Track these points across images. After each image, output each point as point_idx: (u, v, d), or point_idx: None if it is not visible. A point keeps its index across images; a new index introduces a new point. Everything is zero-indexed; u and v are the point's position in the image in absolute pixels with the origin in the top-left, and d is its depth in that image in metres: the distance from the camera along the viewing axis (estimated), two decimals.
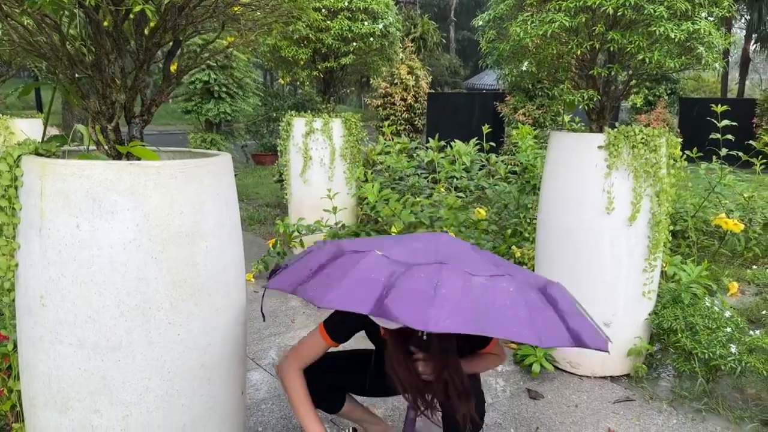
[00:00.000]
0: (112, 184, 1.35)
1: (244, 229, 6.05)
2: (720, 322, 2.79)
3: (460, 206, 4.44)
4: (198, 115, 7.53)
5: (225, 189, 1.54)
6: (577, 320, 1.59)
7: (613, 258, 2.74)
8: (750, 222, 4.59)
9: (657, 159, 2.68)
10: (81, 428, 1.41)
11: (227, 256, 1.55)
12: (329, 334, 1.85)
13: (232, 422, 1.64)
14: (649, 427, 2.51)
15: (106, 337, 1.38)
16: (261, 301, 2.10)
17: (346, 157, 4.74)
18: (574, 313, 1.62)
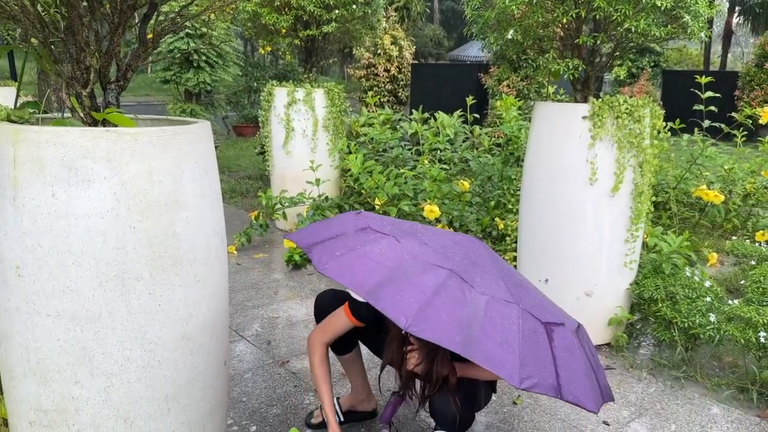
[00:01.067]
0: (88, 151, 1.31)
1: (226, 201, 6.00)
2: (700, 292, 2.83)
3: (444, 178, 4.42)
4: (177, 86, 7.38)
5: (204, 157, 1.50)
6: (573, 376, 1.52)
7: (595, 229, 2.76)
8: (730, 193, 4.64)
9: (641, 129, 2.68)
10: (62, 399, 1.39)
11: (208, 226, 1.52)
12: (353, 313, 1.93)
13: (215, 392, 1.64)
14: (629, 395, 2.55)
15: (85, 307, 1.35)
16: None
17: (329, 128, 4.68)
18: (574, 366, 1.54)
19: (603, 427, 2.30)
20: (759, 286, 2.98)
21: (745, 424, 2.34)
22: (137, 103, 16.02)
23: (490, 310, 1.49)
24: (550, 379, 1.42)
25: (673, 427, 2.32)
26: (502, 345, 1.42)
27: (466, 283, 1.55)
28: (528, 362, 1.41)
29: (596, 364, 1.66)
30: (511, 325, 1.47)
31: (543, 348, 1.48)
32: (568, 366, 1.48)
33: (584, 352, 1.60)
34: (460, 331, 1.41)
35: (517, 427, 2.29)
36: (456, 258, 1.65)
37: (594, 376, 1.56)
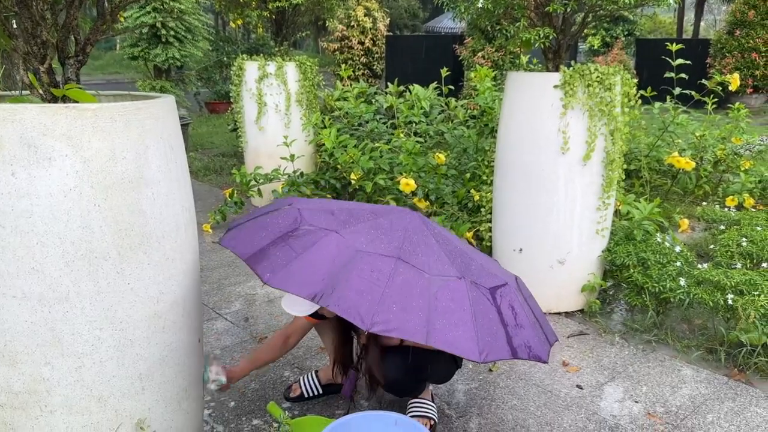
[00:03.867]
0: (48, 129, 1.28)
1: (200, 179, 5.93)
2: (670, 257, 2.89)
3: (420, 151, 4.41)
4: (146, 62, 7.21)
5: (169, 133, 1.47)
6: (522, 333, 1.63)
7: (567, 197, 2.78)
8: (701, 160, 4.71)
9: (612, 97, 2.69)
10: (32, 381, 1.37)
11: (176, 203, 1.50)
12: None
13: (190, 370, 1.63)
14: (602, 359, 2.61)
15: (52, 288, 1.33)
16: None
17: (303, 102, 4.63)
18: (522, 324, 1.65)
19: (577, 391, 2.36)
20: (728, 250, 3.05)
21: (713, 383, 2.41)
22: (106, 81, 15.66)
23: (362, 263, 1.54)
24: (417, 327, 1.47)
25: (645, 388, 2.38)
26: (362, 294, 1.47)
27: (345, 241, 1.60)
28: (388, 308, 1.47)
29: (518, 322, 1.70)
30: (381, 275, 1.52)
31: (417, 296, 1.52)
32: (449, 315, 1.53)
33: (495, 308, 1.65)
34: (320, 283, 1.48)
35: (493, 393, 2.34)
36: (356, 223, 1.70)
37: (503, 332, 1.61)
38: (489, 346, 1.49)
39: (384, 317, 1.44)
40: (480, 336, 1.49)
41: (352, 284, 1.49)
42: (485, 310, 1.57)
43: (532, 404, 2.27)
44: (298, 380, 2.30)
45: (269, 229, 1.72)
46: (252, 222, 1.84)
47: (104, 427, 1.44)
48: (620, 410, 2.23)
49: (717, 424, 2.15)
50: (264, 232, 1.72)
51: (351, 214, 1.79)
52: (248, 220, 1.87)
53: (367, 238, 1.64)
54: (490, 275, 1.72)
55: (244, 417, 2.17)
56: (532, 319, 1.69)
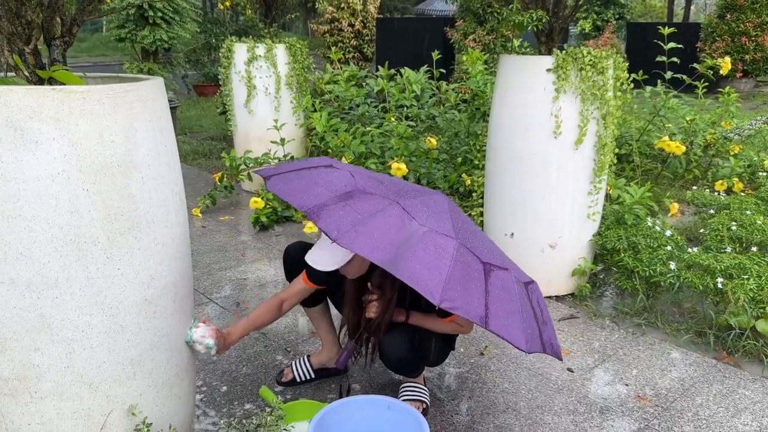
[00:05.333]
0: (34, 111, 1.25)
1: (189, 163, 5.88)
2: (661, 241, 2.90)
3: (411, 135, 4.39)
4: (133, 44, 7.10)
5: (158, 116, 1.45)
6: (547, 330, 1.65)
7: (559, 181, 2.78)
8: (691, 144, 4.72)
9: (604, 81, 2.68)
10: (22, 367, 1.36)
11: (165, 186, 1.47)
12: (309, 278, 2.03)
13: (182, 355, 1.62)
14: (592, 342, 2.62)
15: (40, 274, 1.31)
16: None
17: (293, 85, 4.58)
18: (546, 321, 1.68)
19: (567, 374, 2.37)
20: (717, 234, 3.07)
21: (702, 366, 2.43)
22: (93, 64, 15.44)
23: (427, 239, 1.54)
24: (477, 309, 1.47)
25: (635, 371, 2.40)
26: (430, 269, 1.47)
27: (407, 214, 1.60)
28: (454, 287, 1.46)
29: (544, 318, 1.73)
30: (445, 254, 1.52)
31: (476, 280, 1.52)
32: (501, 303, 1.54)
33: (529, 303, 1.67)
34: (389, 250, 1.47)
35: (484, 377, 2.35)
36: (408, 197, 1.69)
37: (536, 327, 1.63)
38: (531, 337, 1.53)
39: (451, 295, 1.44)
40: (525, 327, 1.53)
41: (419, 258, 1.48)
42: (525, 304, 1.61)
43: (523, 387, 2.28)
44: (290, 365, 2.30)
45: (324, 186, 1.67)
46: (296, 174, 1.78)
47: (95, 413, 1.43)
48: (610, 393, 2.25)
49: (706, 406, 2.17)
50: (319, 187, 1.67)
51: (397, 186, 1.80)
52: (287, 172, 1.81)
53: (424, 214, 1.64)
54: (518, 270, 1.77)
55: (236, 402, 2.17)
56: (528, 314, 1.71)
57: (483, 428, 2.04)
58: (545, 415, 2.12)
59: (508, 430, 2.04)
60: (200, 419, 2.07)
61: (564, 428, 2.04)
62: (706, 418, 2.10)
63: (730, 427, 2.06)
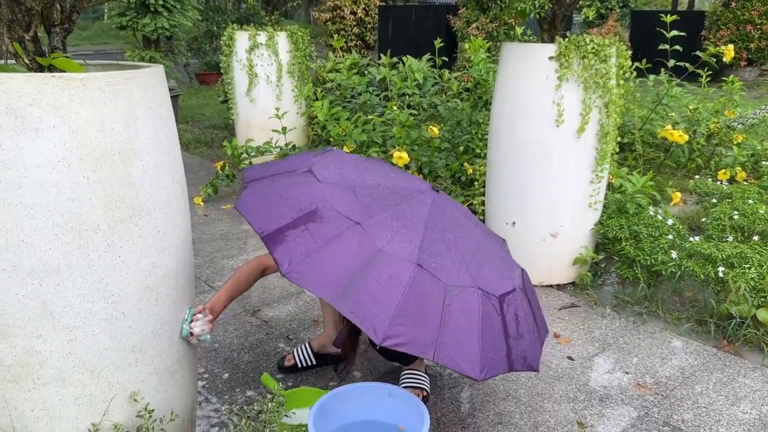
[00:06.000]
0: (34, 98, 1.25)
1: (191, 152, 5.87)
2: (662, 230, 2.90)
3: (413, 124, 4.38)
4: (134, 32, 7.07)
5: (158, 103, 1.44)
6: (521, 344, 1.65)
7: (561, 170, 2.78)
8: (694, 133, 4.70)
9: (607, 69, 2.67)
10: (24, 354, 1.37)
11: (166, 174, 1.48)
12: None
13: (183, 342, 1.63)
14: (593, 331, 2.63)
15: (42, 261, 1.32)
16: None
17: (294, 73, 4.57)
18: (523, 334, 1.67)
19: (567, 362, 2.38)
20: (719, 223, 3.07)
21: (703, 355, 2.44)
22: (94, 52, 15.39)
23: (381, 268, 1.51)
24: (425, 342, 1.45)
25: (635, 360, 2.41)
26: (379, 303, 1.45)
27: (367, 238, 1.56)
28: (403, 321, 1.44)
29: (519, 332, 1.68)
30: (398, 284, 1.49)
31: (430, 310, 1.50)
32: (457, 330, 1.51)
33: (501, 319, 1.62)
34: (338, 284, 1.45)
35: None
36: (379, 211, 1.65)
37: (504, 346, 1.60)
38: (490, 362, 1.52)
39: (397, 331, 1.43)
40: (484, 353, 1.51)
41: (369, 290, 1.46)
42: (492, 323, 1.58)
43: (523, 375, 2.29)
44: (292, 351, 2.31)
45: (289, 204, 1.65)
46: (270, 182, 1.76)
47: (98, 399, 1.44)
48: (610, 381, 2.26)
49: (705, 395, 2.18)
50: (284, 206, 1.65)
51: (373, 194, 1.74)
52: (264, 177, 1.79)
53: (388, 233, 1.60)
54: (501, 278, 1.71)
55: (238, 388, 2.18)
56: (531, 324, 1.70)
57: (483, 415, 2.05)
58: (545, 402, 2.13)
59: (509, 417, 2.05)
60: (202, 406, 2.08)
61: (564, 416, 2.06)
62: (706, 406, 2.11)
63: (730, 415, 2.07)
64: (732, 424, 2.02)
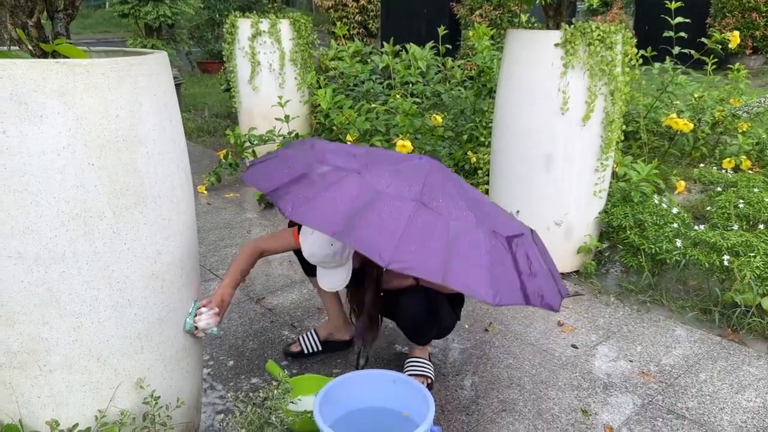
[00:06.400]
0: (38, 85, 1.24)
1: (194, 140, 5.86)
2: (667, 219, 2.89)
3: (416, 112, 4.36)
4: (136, 20, 7.04)
5: (163, 90, 1.44)
6: (535, 281, 1.62)
7: (565, 158, 2.76)
8: (699, 122, 4.67)
9: (612, 57, 2.65)
10: (30, 341, 1.37)
11: (171, 162, 1.47)
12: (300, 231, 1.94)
13: None
14: (597, 319, 2.63)
15: (47, 248, 1.31)
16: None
17: (297, 61, 4.55)
18: (536, 273, 1.65)
19: (571, 350, 2.38)
20: (724, 212, 3.06)
21: (707, 343, 2.44)
22: (96, 40, 15.35)
23: (382, 205, 1.54)
24: (435, 267, 1.45)
25: (639, 348, 2.41)
26: (382, 233, 1.47)
27: (366, 183, 1.60)
28: (407, 248, 1.46)
29: (532, 270, 1.67)
30: (400, 216, 1.52)
31: (436, 238, 1.51)
32: (466, 258, 1.51)
33: (511, 255, 1.63)
34: (341, 221, 1.48)
35: (489, 353, 2.36)
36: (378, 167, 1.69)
37: (517, 279, 1.59)
38: (503, 290, 1.49)
39: (402, 256, 1.43)
40: (494, 280, 1.49)
41: (371, 223, 1.48)
42: (501, 258, 1.57)
43: (527, 363, 2.29)
44: (298, 338, 2.31)
45: (291, 167, 1.71)
46: (273, 160, 1.83)
47: (104, 386, 1.45)
48: (614, 369, 2.26)
49: (710, 383, 2.18)
50: (286, 169, 1.71)
51: (372, 156, 1.79)
52: (269, 159, 1.86)
53: (387, 181, 1.63)
54: (508, 225, 1.73)
55: (243, 375, 2.19)
56: (545, 269, 1.70)
57: (487, 403, 2.06)
58: (549, 390, 2.13)
59: (513, 404, 2.05)
60: (207, 393, 2.09)
61: (568, 403, 2.06)
62: (710, 395, 2.11)
63: (734, 403, 2.07)
64: (736, 412, 2.02)
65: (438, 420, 1.97)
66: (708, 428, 1.94)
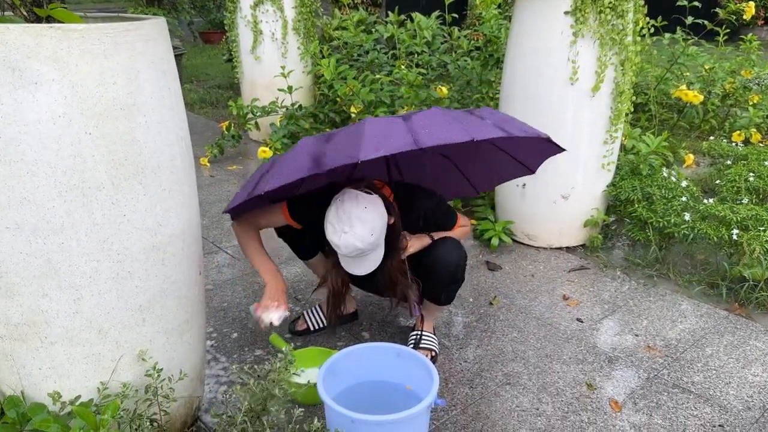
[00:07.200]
0: (32, 51, 1.20)
1: (196, 112, 5.81)
2: (676, 192, 2.85)
3: (422, 84, 4.28)
4: None
5: (161, 57, 1.39)
6: (510, 122, 1.71)
7: (574, 130, 2.71)
8: (709, 94, 4.59)
9: (624, 25, 2.58)
10: (30, 312, 1.35)
11: (170, 132, 1.43)
12: (289, 208, 1.92)
13: (191, 302, 1.62)
14: (602, 293, 2.61)
15: (45, 219, 1.29)
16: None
17: (300, 31, 4.46)
18: (507, 119, 1.73)
19: (576, 324, 2.37)
20: (734, 185, 3.01)
21: (713, 318, 2.42)
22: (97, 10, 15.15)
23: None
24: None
25: (645, 322, 2.39)
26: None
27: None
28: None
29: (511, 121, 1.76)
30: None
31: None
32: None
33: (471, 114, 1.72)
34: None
35: (493, 326, 2.35)
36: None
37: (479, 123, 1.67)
38: (476, 129, 1.57)
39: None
40: (465, 126, 1.58)
41: (334, 146, 1.56)
42: (465, 116, 1.66)
43: (531, 337, 2.28)
44: (303, 314, 2.30)
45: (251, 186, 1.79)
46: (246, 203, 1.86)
47: (106, 358, 1.44)
48: (619, 343, 2.24)
49: (716, 357, 2.17)
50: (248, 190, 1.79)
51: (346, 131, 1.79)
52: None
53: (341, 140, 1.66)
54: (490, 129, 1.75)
55: (247, 348, 2.19)
56: (519, 124, 1.75)
57: (491, 376, 2.05)
58: (553, 363, 2.12)
59: (517, 378, 2.04)
60: (211, 365, 2.09)
61: (572, 377, 2.05)
62: (716, 369, 2.10)
63: (740, 377, 2.05)
64: (742, 387, 2.01)
65: (442, 392, 1.96)
66: (713, 403, 1.93)
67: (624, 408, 1.91)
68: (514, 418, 1.86)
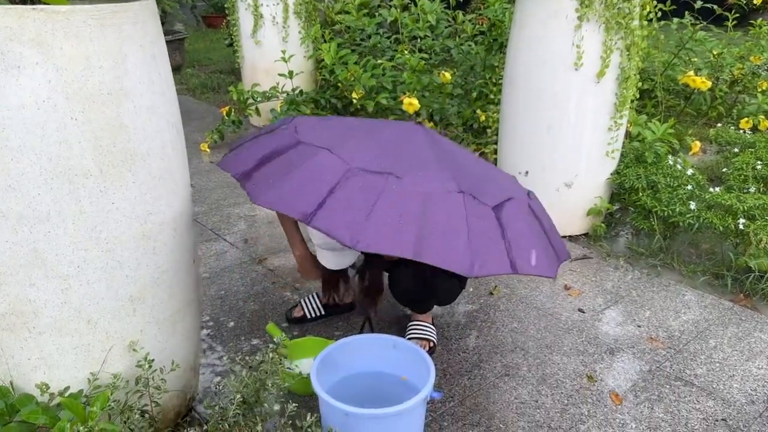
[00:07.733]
0: (14, 33, 1.16)
1: (197, 97, 5.76)
2: (681, 180, 2.80)
3: (424, 69, 4.22)
4: None
5: (150, 41, 1.35)
6: (525, 246, 1.54)
7: (578, 116, 2.66)
8: (717, 80, 4.51)
9: (630, 9, 2.51)
10: (18, 302, 1.33)
11: (160, 117, 1.39)
12: None
13: (184, 291, 1.59)
14: (605, 283, 2.57)
15: (31, 207, 1.26)
16: None
17: (301, 14, 4.40)
18: (526, 236, 1.56)
19: (578, 314, 2.33)
20: (741, 174, 2.96)
21: (718, 308, 2.38)
22: None
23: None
24: (405, 242, 1.40)
25: (648, 313, 2.35)
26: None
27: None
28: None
29: (549, 228, 1.66)
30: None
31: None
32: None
33: (537, 219, 1.63)
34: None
35: (493, 316, 2.31)
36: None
37: (548, 241, 1.58)
38: (483, 259, 1.43)
39: (370, 234, 1.37)
40: (474, 249, 1.42)
41: (339, 201, 1.43)
42: (484, 225, 1.50)
43: (532, 327, 2.25)
44: (300, 302, 2.27)
45: (264, 149, 1.67)
46: (250, 142, 1.78)
47: (95, 348, 1.41)
48: (621, 334, 2.21)
49: (719, 349, 2.13)
50: (260, 151, 1.67)
51: (350, 128, 1.71)
52: (247, 141, 1.81)
53: (360, 155, 1.56)
54: (498, 189, 1.64)
55: (243, 337, 2.16)
56: (540, 233, 1.61)
57: (490, 367, 2.02)
58: (554, 354, 2.09)
59: (516, 369, 2.01)
60: (207, 354, 2.07)
61: (573, 369, 2.02)
62: (720, 361, 2.06)
63: (744, 370, 2.02)
64: (746, 380, 1.97)
65: (439, 383, 1.93)
66: (716, 396, 1.90)
67: (625, 401, 1.88)
68: (512, 411, 1.83)
